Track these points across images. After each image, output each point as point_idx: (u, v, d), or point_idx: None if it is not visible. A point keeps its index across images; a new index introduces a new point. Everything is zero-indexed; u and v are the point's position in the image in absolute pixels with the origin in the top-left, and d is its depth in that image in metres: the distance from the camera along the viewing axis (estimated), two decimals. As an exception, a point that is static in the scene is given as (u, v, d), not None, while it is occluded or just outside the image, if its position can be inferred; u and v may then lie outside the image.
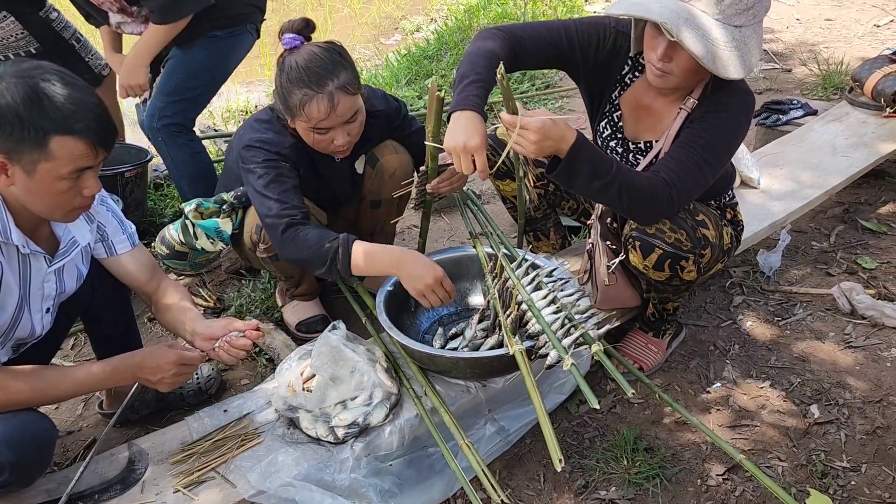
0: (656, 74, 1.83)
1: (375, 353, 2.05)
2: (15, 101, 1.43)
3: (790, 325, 2.45)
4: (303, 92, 1.97)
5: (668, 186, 1.80)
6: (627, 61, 2.03)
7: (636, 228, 1.92)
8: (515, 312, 1.92)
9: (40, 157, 1.46)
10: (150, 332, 2.60)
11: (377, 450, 1.85)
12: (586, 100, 2.18)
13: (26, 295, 1.66)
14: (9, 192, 1.55)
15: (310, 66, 1.97)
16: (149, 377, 1.69)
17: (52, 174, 1.49)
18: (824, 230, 2.94)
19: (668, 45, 1.76)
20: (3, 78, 1.45)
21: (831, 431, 2.04)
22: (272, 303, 2.67)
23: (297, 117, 2.03)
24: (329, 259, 1.99)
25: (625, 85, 2.07)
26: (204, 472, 1.77)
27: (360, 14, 6.72)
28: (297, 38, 2.01)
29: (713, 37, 1.69)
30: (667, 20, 1.68)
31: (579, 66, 2.05)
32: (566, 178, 1.78)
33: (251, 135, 2.13)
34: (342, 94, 1.98)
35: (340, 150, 2.11)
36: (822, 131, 3.17)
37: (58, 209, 1.57)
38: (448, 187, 2.15)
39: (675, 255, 1.90)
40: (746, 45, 1.73)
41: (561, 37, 1.99)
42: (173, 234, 2.31)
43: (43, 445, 1.63)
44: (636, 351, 2.27)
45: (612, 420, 2.13)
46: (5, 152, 1.46)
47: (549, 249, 2.57)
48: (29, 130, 1.43)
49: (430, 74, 4.66)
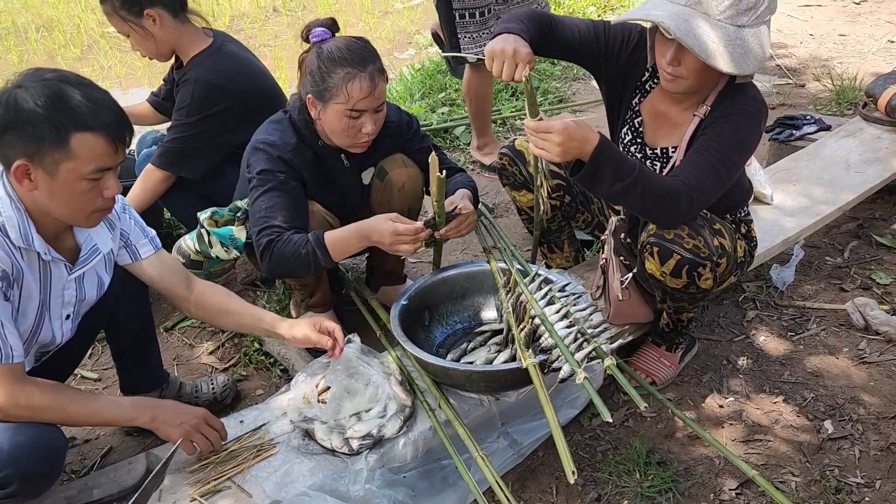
0: (668, 80, 1.91)
1: (389, 366, 2.07)
2: (36, 104, 1.48)
3: (804, 340, 2.45)
4: (345, 70, 2.04)
5: (687, 188, 1.84)
6: (647, 69, 2.09)
7: (654, 234, 1.94)
8: (529, 326, 1.94)
9: (62, 156, 1.51)
10: (165, 341, 2.63)
11: (391, 461, 1.87)
12: (606, 103, 2.22)
13: (46, 301, 1.69)
14: (31, 200, 1.59)
15: (351, 48, 2.07)
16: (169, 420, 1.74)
17: (74, 174, 1.53)
18: (838, 245, 2.94)
19: (676, 50, 1.83)
20: (24, 85, 1.50)
21: (845, 447, 2.04)
22: (286, 314, 2.69)
23: (334, 99, 2.07)
24: (311, 261, 2.06)
25: (645, 92, 2.12)
26: (220, 481, 1.79)
27: (374, 28, 6.78)
28: (327, 31, 2.11)
29: (711, 34, 1.76)
30: (665, 20, 1.75)
31: (603, 64, 2.12)
32: (590, 180, 1.81)
33: (259, 136, 2.20)
34: (380, 78, 2.09)
35: (365, 140, 2.15)
36: (835, 147, 3.17)
37: (80, 212, 1.60)
38: (457, 233, 2.17)
39: (693, 262, 1.91)
40: (747, 44, 1.79)
41: (590, 29, 2.09)
42: (189, 243, 2.35)
43: (52, 458, 1.65)
44: (649, 365, 2.28)
45: (624, 433, 2.13)
46: (28, 156, 1.51)
47: (562, 262, 2.58)
48: (50, 129, 1.48)
49: (444, 89, 4.69)
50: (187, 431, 1.75)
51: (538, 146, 1.78)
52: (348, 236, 2.09)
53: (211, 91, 2.59)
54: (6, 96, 1.50)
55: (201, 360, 2.56)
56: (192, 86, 2.59)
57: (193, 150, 2.66)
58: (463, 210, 2.13)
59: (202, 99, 2.59)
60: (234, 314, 1.98)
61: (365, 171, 2.35)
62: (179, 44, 2.64)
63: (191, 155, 2.67)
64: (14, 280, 1.58)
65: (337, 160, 2.27)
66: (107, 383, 2.46)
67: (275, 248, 2.06)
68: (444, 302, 2.30)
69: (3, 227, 1.57)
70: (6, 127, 1.49)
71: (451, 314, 2.31)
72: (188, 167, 2.69)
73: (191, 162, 2.68)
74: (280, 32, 6.94)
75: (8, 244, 1.57)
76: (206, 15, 2.75)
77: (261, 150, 2.15)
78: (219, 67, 2.62)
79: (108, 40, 6.80)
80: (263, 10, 7.57)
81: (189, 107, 2.60)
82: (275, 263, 2.08)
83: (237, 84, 2.63)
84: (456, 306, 2.31)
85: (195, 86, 2.58)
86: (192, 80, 2.59)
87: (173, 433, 1.75)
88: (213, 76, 2.59)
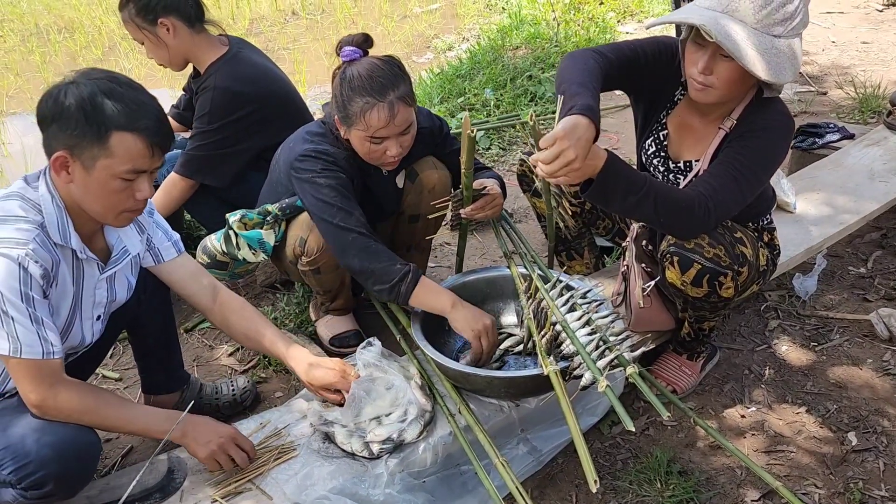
0: (697, 89, 1.88)
1: (410, 370, 2.07)
2: (81, 100, 1.51)
3: (826, 351, 2.43)
4: (364, 100, 2.02)
5: (704, 198, 1.82)
6: (681, 82, 2.07)
7: (674, 244, 1.92)
8: (550, 333, 1.93)
9: (100, 152, 1.54)
10: (185, 342, 2.65)
11: (411, 466, 1.87)
12: (639, 117, 2.20)
13: (79, 301, 1.71)
14: (67, 195, 1.62)
15: (372, 75, 2.03)
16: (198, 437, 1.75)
17: (109, 171, 1.56)
18: (861, 255, 2.91)
19: (709, 57, 1.81)
20: (76, 81, 1.54)
21: (869, 459, 2.01)
22: (305, 317, 2.70)
23: (354, 125, 2.07)
24: (396, 280, 2.05)
25: (673, 105, 2.11)
26: (241, 483, 1.79)
27: (393, 32, 6.81)
28: (356, 50, 2.08)
29: (749, 41, 1.75)
30: (705, 23, 1.73)
31: (645, 84, 2.10)
32: (601, 196, 1.80)
33: (305, 146, 2.17)
34: (401, 105, 2.04)
35: (391, 160, 2.14)
36: (859, 156, 3.14)
37: (111, 210, 1.63)
38: (482, 214, 2.18)
39: (714, 271, 1.90)
40: (781, 54, 1.77)
41: (638, 55, 2.03)
42: (215, 243, 2.35)
43: (87, 459, 1.67)
44: (670, 373, 2.27)
45: (645, 442, 2.12)
46: (68, 148, 1.54)
47: (582, 269, 2.57)
48: (91, 125, 1.52)
49: (463, 93, 4.70)
50: (213, 452, 1.76)
51: (555, 175, 1.69)
52: (440, 292, 2.09)
53: (230, 98, 2.60)
54: (57, 91, 1.54)
55: (221, 362, 2.57)
56: (212, 93, 2.60)
57: (217, 158, 2.68)
58: (491, 191, 2.13)
59: (222, 106, 2.60)
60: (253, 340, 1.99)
61: (399, 175, 2.37)
62: (194, 53, 2.65)
63: (214, 162, 2.69)
64: (53, 278, 1.61)
65: (376, 169, 2.27)
66: (127, 383, 2.47)
67: (371, 244, 2.07)
68: (465, 307, 2.29)
69: (43, 225, 1.59)
70: (52, 118, 1.54)
71: (471, 319, 2.30)
72: (212, 175, 2.71)
73: (214, 169, 2.70)
74: (299, 36, 6.99)
75: (49, 242, 1.60)
76: (226, 18, 2.79)
77: (314, 157, 2.14)
78: (237, 73, 2.63)
79: (129, 42, 6.86)
80: (283, 13, 7.61)
81: (209, 115, 2.61)
82: (364, 257, 2.07)
83: (256, 89, 2.64)
84: (476, 311, 2.31)
85: (214, 93, 2.60)
86: (211, 88, 2.60)
87: (199, 451, 1.75)
88: (232, 82, 2.60)
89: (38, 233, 1.57)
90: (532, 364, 2.10)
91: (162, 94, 5.36)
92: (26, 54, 6.74)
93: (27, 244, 1.54)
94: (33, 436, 1.58)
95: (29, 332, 1.54)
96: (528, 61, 5.04)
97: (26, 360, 1.55)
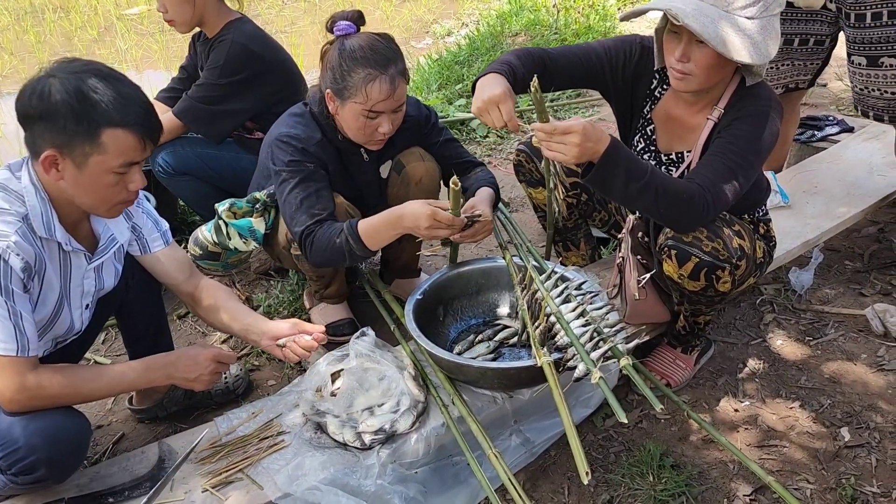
0: (677, 78, 1.88)
1: (403, 360, 2.06)
2: (68, 96, 1.48)
3: (821, 346, 2.42)
4: (367, 71, 2.01)
5: (703, 190, 1.81)
6: (655, 76, 2.08)
7: (672, 237, 1.92)
8: (544, 324, 1.92)
9: (92, 150, 1.52)
10: (178, 329, 2.63)
11: (403, 457, 1.86)
12: (618, 117, 2.21)
13: (66, 292, 1.69)
14: (55, 189, 1.59)
15: (374, 47, 2.03)
16: (185, 375, 1.74)
17: (102, 167, 1.54)
18: (858, 249, 2.90)
19: (685, 45, 1.82)
20: (56, 75, 1.50)
21: (862, 455, 2.01)
22: (300, 304, 2.69)
23: (352, 97, 2.05)
24: (346, 251, 2.04)
25: (655, 99, 2.10)
26: (232, 472, 1.79)
27: (391, 17, 6.76)
28: (351, 25, 2.08)
29: (721, 24, 1.75)
30: (672, 7, 1.74)
31: (609, 84, 2.12)
32: (602, 181, 1.80)
33: (281, 129, 2.17)
34: (401, 80, 2.05)
35: (381, 138, 2.13)
36: (858, 149, 3.13)
37: (104, 203, 1.61)
38: (472, 241, 2.15)
39: (712, 265, 1.89)
40: (758, 34, 1.77)
41: (590, 55, 2.08)
42: (206, 234, 2.33)
43: (78, 443, 1.66)
44: (664, 366, 2.26)
45: (638, 435, 2.11)
46: (57, 147, 1.52)
47: (578, 260, 2.56)
48: (82, 124, 1.49)
49: (462, 80, 4.67)
50: (206, 382, 1.77)
51: (553, 150, 1.75)
52: (381, 222, 2.04)
53: (247, 54, 2.65)
54: (40, 86, 1.50)
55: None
56: (229, 46, 2.64)
57: (219, 114, 2.72)
58: (481, 218, 2.07)
59: (236, 60, 2.64)
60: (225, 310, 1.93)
61: (383, 165, 2.33)
62: (211, 16, 2.70)
63: (215, 117, 2.73)
64: (35, 272, 1.58)
65: (356, 154, 2.26)
66: (119, 369, 2.46)
67: (314, 238, 2.05)
68: (459, 297, 2.28)
69: (27, 217, 1.57)
70: (38, 117, 1.50)
71: (466, 310, 2.29)
72: (207, 127, 2.76)
73: (213, 124, 2.75)
74: (297, 19, 6.93)
75: (31, 235, 1.57)
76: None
77: (285, 142, 2.12)
78: (254, 34, 2.71)
79: (125, 23, 6.81)
80: (281, -5, 7.56)
81: (222, 67, 2.65)
82: (316, 255, 2.06)
83: (270, 54, 2.72)
84: (470, 302, 2.29)
85: (232, 46, 2.64)
86: (230, 41, 2.64)
87: (194, 386, 1.77)
88: (250, 41, 2.67)
89: (20, 225, 1.54)
90: (526, 355, 2.09)
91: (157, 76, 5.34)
92: (21, 34, 6.68)
93: (9, 237, 1.51)
94: (20, 423, 1.57)
95: (5, 328, 1.52)
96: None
97: (1, 357, 1.53)
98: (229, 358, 1.80)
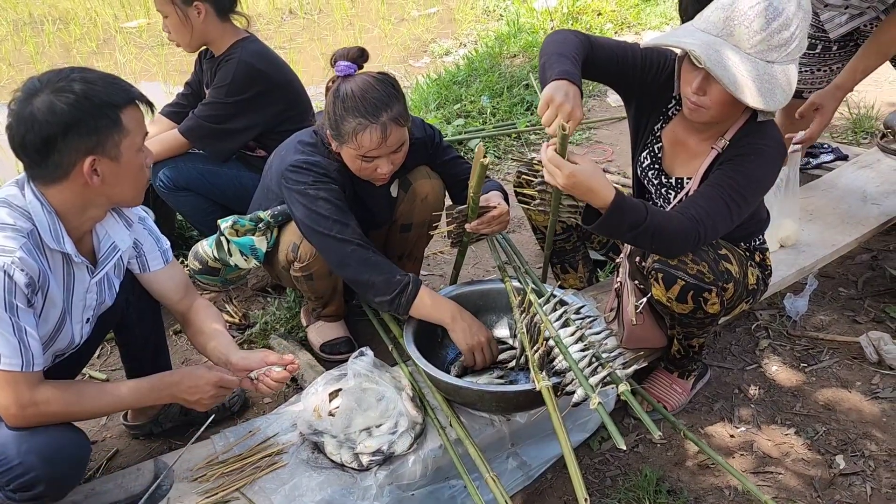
0: (691, 108, 1.90)
1: (401, 381, 2.06)
2: (75, 98, 1.50)
3: (816, 372, 2.44)
4: (357, 121, 2.01)
5: (696, 223, 1.83)
6: (674, 96, 2.09)
7: (658, 261, 1.94)
8: (543, 348, 1.92)
9: (120, 136, 1.56)
10: (175, 345, 2.62)
11: (400, 479, 1.86)
12: (632, 124, 2.22)
13: (69, 307, 1.69)
14: (60, 201, 1.59)
15: (365, 95, 2.01)
16: (187, 397, 1.74)
17: (133, 149, 1.60)
18: (852, 277, 2.92)
19: (703, 79, 1.83)
20: (38, 94, 1.50)
21: (857, 483, 2.02)
22: (297, 322, 2.69)
23: (346, 143, 2.06)
24: (397, 291, 2.05)
25: (667, 119, 2.12)
26: (228, 492, 1.78)
27: (389, 35, 6.79)
28: (351, 66, 2.06)
29: (740, 67, 1.76)
30: (696, 49, 1.76)
31: (635, 88, 2.13)
32: (605, 231, 1.86)
33: (297, 157, 2.15)
34: (394, 126, 2.03)
35: (382, 177, 2.14)
36: (852, 177, 3.16)
37: (139, 188, 1.68)
38: (489, 230, 2.17)
39: (698, 287, 1.91)
40: (775, 80, 1.79)
41: (627, 52, 2.08)
42: (207, 249, 2.33)
43: (77, 460, 1.66)
44: (660, 391, 2.27)
45: (634, 460, 2.12)
46: (90, 150, 1.54)
47: (576, 283, 2.57)
48: (104, 116, 1.53)
49: (460, 100, 4.69)
50: (208, 405, 1.77)
51: (548, 171, 1.80)
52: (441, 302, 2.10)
53: (254, 73, 2.66)
54: (36, 106, 1.49)
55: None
56: (236, 65, 2.65)
57: (224, 133, 2.73)
58: (498, 207, 2.15)
59: (243, 79, 2.65)
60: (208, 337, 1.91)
61: (392, 185, 2.36)
62: (214, 39, 2.71)
63: (220, 136, 2.73)
64: (39, 287, 1.58)
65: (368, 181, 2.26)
66: (114, 384, 2.45)
67: (370, 255, 2.07)
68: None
69: (32, 232, 1.57)
70: (61, 132, 1.50)
71: (464, 331, 2.29)
72: (212, 147, 2.77)
73: (217, 143, 2.75)
74: (295, 35, 6.96)
75: (36, 251, 1.57)
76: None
77: (306, 168, 2.12)
78: (262, 53, 2.73)
79: (125, 36, 6.82)
80: (280, 11, 7.58)
81: (229, 85, 2.66)
82: (363, 268, 2.07)
83: (276, 73, 2.73)
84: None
85: (239, 65, 2.65)
86: (237, 60, 2.65)
87: (197, 408, 1.78)
88: (257, 60, 2.68)
89: (25, 241, 1.54)
90: (524, 379, 2.09)
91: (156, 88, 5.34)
92: (19, 44, 6.68)
93: (13, 252, 1.51)
94: (20, 439, 1.56)
95: (10, 343, 1.52)
96: (526, 70, 5.03)
97: (4, 372, 1.53)
98: (231, 383, 1.79)
